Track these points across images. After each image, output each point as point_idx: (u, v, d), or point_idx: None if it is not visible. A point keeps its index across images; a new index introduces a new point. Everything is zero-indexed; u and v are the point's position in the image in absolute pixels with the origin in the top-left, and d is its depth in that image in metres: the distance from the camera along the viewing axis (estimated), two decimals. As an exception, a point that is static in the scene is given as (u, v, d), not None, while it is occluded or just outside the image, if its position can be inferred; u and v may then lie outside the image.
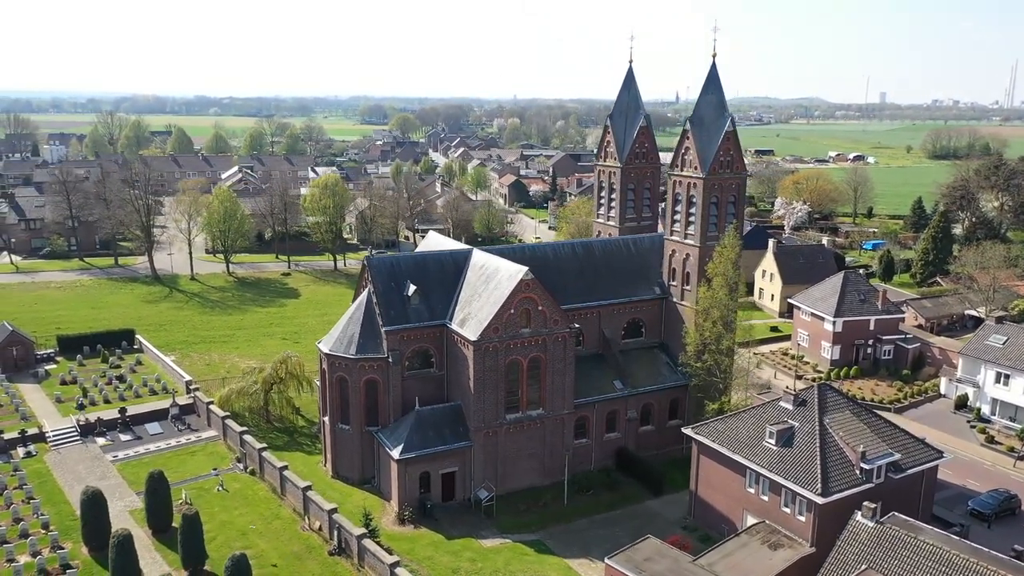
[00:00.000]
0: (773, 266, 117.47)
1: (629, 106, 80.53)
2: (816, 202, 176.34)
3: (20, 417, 73.02)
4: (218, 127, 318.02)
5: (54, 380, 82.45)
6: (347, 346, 64.43)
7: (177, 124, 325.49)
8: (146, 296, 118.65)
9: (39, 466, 66.05)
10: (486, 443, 63.22)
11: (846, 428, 55.53)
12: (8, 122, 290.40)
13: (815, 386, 58.71)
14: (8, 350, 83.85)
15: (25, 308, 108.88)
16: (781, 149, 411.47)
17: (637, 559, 50.88)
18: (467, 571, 53.91)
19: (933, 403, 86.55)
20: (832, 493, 51.64)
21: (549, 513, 62.14)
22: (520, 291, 61.77)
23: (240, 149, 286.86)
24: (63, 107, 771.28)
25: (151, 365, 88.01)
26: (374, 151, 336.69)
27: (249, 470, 65.64)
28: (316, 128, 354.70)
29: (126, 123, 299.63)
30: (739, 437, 58.11)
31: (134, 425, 72.92)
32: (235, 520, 58.86)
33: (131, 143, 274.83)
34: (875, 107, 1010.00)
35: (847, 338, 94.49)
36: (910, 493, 56.76)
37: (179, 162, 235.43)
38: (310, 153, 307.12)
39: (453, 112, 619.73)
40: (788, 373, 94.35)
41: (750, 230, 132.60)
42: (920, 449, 57.77)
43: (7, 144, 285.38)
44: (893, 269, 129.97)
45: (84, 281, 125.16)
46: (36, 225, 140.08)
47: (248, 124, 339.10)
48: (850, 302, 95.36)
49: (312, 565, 53.66)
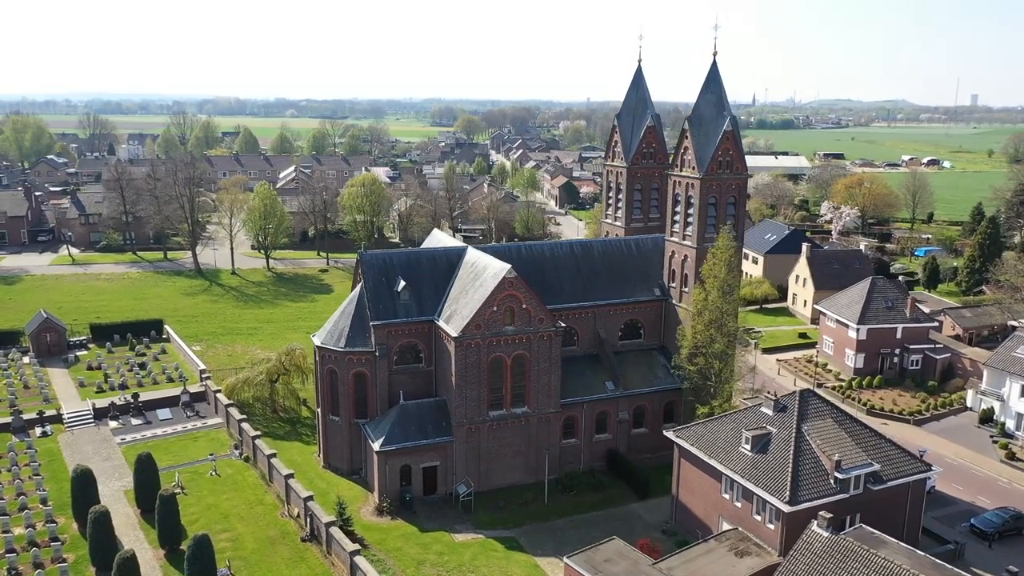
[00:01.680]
0: (806, 271, 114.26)
1: (637, 105, 79.78)
2: (871, 207, 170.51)
3: (43, 399, 77.22)
4: (284, 128, 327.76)
5: (82, 366, 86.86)
6: (337, 339, 65.92)
7: (246, 125, 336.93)
8: (186, 289, 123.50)
9: (51, 445, 69.79)
10: (469, 439, 63.71)
11: (824, 436, 53.92)
12: (88, 123, 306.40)
13: (797, 392, 57.15)
14: (42, 336, 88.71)
15: (72, 297, 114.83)
16: (853, 153, 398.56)
17: (596, 560, 50.57)
18: (432, 563, 54.55)
19: (958, 416, 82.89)
20: (801, 502, 50.29)
21: (528, 511, 62.19)
22: (503, 289, 62.07)
23: (303, 149, 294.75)
24: (150, 109, 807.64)
25: (174, 354, 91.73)
26: (434, 152, 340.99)
27: (243, 457, 67.82)
28: (379, 129, 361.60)
29: (196, 124, 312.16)
30: (717, 442, 57.11)
31: (146, 410, 76.23)
32: (221, 504, 60.98)
33: (200, 143, 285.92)
34: (964, 110, 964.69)
35: (872, 346, 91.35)
36: (894, 506, 54.73)
37: (241, 161, 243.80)
38: (372, 154, 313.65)
39: (520, 114, 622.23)
40: (808, 380, 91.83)
41: (787, 234, 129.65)
42: (905, 461, 55.58)
43: (88, 143, 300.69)
44: (938, 277, 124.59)
45: (132, 274, 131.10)
46: (93, 220, 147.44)
47: (314, 125, 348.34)
48: (876, 309, 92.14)
49: (283, 550, 55.20)
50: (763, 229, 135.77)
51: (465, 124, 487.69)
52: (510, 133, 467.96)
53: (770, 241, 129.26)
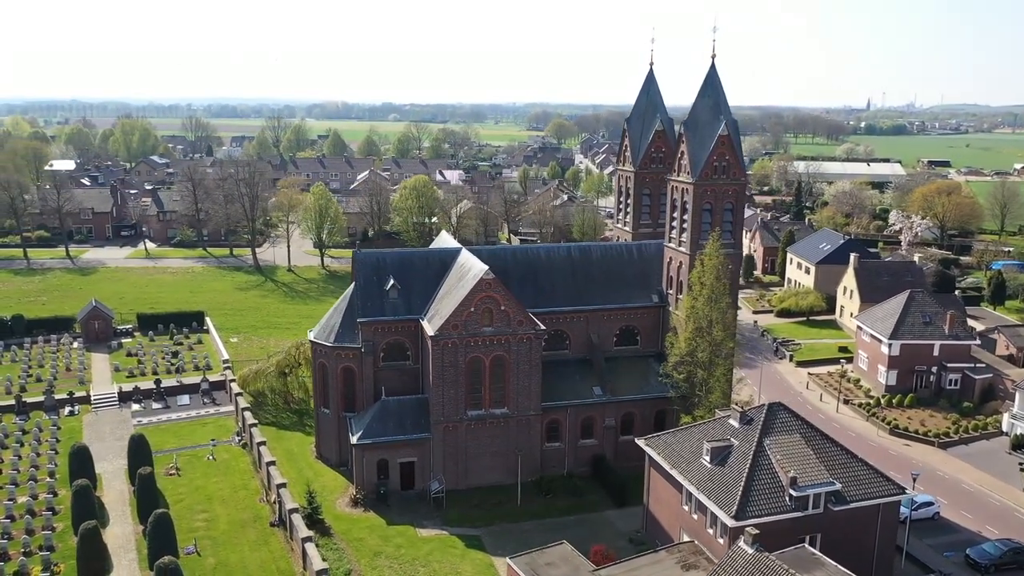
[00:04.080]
0: (853, 282, 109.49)
1: (647, 109, 78.89)
2: (953, 217, 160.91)
3: (79, 381, 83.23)
4: (372, 131, 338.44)
5: (122, 352, 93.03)
6: (328, 334, 68.29)
7: (337, 128, 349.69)
8: (241, 284, 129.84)
9: (75, 424, 75.22)
10: (446, 437, 64.67)
11: (787, 451, 52.01)
12: (191, 125, 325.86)
13: (766, 405, 55.29)
14: (91, 323, 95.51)
15: (136, 289, 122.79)
16: (962, 160, 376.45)
17: (539, 562, 50.70)
18: (388, 555, 55.84)
19: (990, 441, 77.85)
20: (748, 517, 48.72)
21: (500, 511, 62.51)
22: (480, 290, 62.76)
23: (388, 152, 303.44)
24: (263, 112, 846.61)
25: (208, 344, 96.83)
26: (518, 156, 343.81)
27: (242, 443, 71.13)
28: (463, 133, 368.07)
29: (288, 127, 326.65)
30: (682, 452, 55.96)
31: (167, 396, 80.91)
32: (208, 486, 64.29)
33: (292, 145, 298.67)
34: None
35: (905, 363, 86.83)
36: (863, 528, 52.22)
37: (324, 163, 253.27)
38: (456, 157, 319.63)
39: (616, 119, 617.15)
40: (836, 396, 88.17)
41: (842, 243, 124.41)
42: (877, 483, 52.83)
43: (192, 145, 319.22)
44: (1004, 292, 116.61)
45: (196, 268, 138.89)
46: (170, 217, 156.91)
47: (398, 128, 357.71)
48: (911, 324, 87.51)
49: (251, 533, 57.76)
50: (818, 238, 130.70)
51: (556, 128, 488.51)
52: (604, 137, 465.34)
53: (824, 250, 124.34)
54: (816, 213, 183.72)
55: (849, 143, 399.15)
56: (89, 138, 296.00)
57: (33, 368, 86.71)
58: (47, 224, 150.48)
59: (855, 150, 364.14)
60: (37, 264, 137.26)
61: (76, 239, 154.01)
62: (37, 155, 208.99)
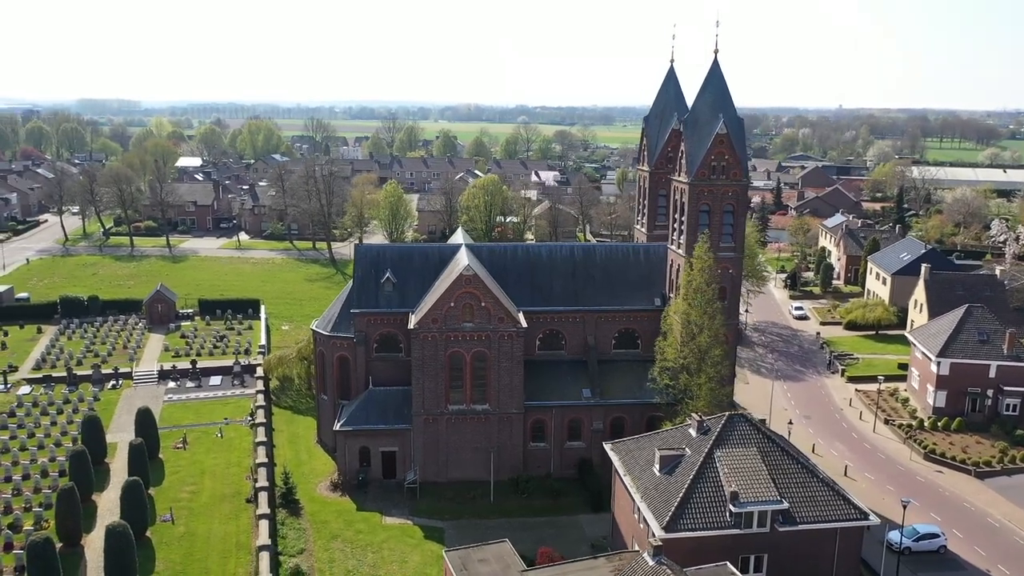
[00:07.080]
0: (923, 295, 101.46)
1: (666, 108, 76.68)
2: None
3: (129, 359, 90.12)
4: (482, 133, 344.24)
5: (177, 333, 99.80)
6: (326, 324, 70.83)
7: (449, 130, 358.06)
8: (312, 275, 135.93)
9: (114, 396, 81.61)
10: (427, 429, 65.57)
11: (736, 465, 49.49)
12: (312, 126, 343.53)
13: (725, 415, 52.68)
14: (155, 306, 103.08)
15: (214, 276, 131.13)
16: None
17: (472, 558, 50.56)
18: (344, 539, 57.39)
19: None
20: (680, 530, 46.87)
21: (472, 507, 62.78)
22: (460, 286, 63.29)
23: (496, 153, 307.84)
24: (399, 115, 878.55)
25: (257, 330, 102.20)
26: (630, 157, 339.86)
27: (250, 424, 74.88)
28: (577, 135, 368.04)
29: (402, 128, 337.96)
30: (639, 459, 54.33)
31: (202, 376, 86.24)
32: (205, 461, 68.23)
33: (404, 145, 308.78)
34: None
35: (956, 384, 79.92)
36: (817, 553, 48.91)
37: (427, 163, 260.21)
38: (564, 158, 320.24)
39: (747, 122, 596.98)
40: (878, 415, 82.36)
41: (923, 253, 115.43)
42: (837, 506, 49.21)
43: (314, 145, 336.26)
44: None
45: (276, 259, 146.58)
46: (262, 211, 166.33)
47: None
48: (964, 341, 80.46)
49: (227, 507, 60.92)
50: (901, 247, 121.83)
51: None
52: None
53: (903, 260, 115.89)
54: (924, 221, 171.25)
55: (995, 148, 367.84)
56: (220, 137, 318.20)
57: (97, 345, 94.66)
58: (154, 216, 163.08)
59: (1000, 156, 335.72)
60: (139, 252, 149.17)
61: (180, 230, 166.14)
62: (166, 152, 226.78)
